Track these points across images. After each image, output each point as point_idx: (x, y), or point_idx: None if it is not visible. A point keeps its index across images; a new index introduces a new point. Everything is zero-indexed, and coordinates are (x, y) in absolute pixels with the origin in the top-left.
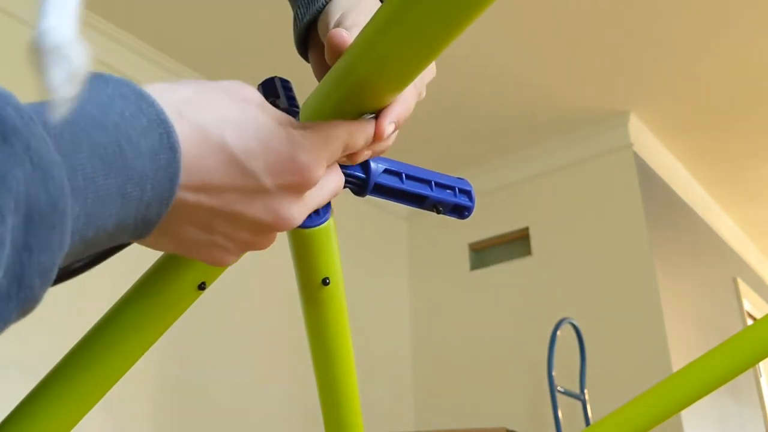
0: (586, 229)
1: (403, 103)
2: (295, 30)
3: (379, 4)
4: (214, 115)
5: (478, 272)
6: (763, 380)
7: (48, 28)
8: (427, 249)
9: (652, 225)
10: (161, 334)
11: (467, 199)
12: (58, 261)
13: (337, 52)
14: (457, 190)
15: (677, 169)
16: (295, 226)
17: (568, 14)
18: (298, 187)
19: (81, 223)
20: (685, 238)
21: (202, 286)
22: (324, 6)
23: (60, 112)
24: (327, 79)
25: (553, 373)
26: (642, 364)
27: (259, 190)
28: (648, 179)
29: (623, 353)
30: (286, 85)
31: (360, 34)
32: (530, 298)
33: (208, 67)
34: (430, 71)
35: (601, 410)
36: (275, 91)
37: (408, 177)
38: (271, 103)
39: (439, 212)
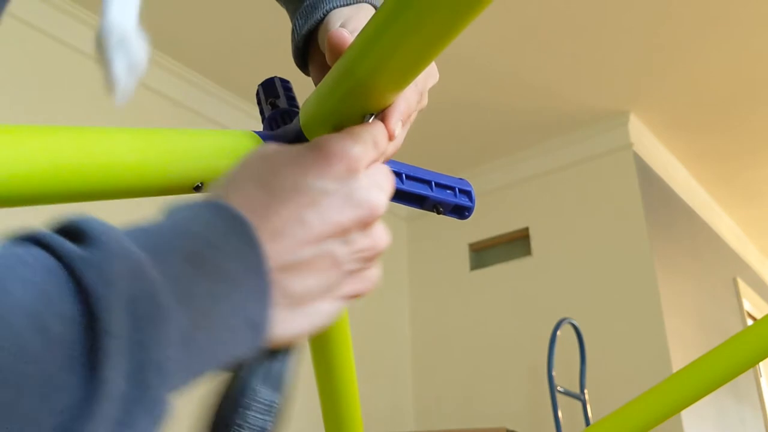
0: (586, 229)
1: (405, 101)
2: (293, 41)
3: None
4: (245, 176)
5: (478, 272)
6: (763, 380)
7: (112, 22)
8: (427, 249)
9: (652, 225)
10: None
11: (467, 200)
12: (172, 358)
13: (338, 51)
14: (457, 190)
15: (677, 169)
16: (383, 203)
17: (568, 14)
18: (351, 169)
19: (184, 326)
20: (685, 238)
21: None
22: (324, 17)
23: (121, 99)
24: (327, 79)
25: (553, 373)
26: (642, 364)
27: (327, 193)
28: (648, 179)
29: (623, 353)
30: (286, 85)
31: (360, 33)
32: (530, 298)
33: (209, 67)
34: (432, 76)
35: (601, 410)
36: (275, 91)
37: (408, 177)
38: (270, 103)
39: (439, 212)
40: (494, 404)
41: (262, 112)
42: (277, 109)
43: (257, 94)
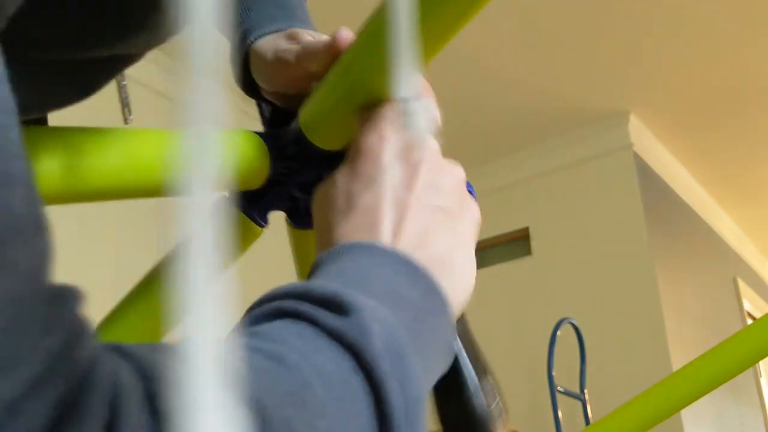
0: (586, 229)
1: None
2: (233, 70)
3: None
4: (333, 217)
5: (478, 272)
6: (763, 380)
7: (411, 97)
8: None
9: (652, 225)
10: (166, 333)
11: None
12: (422, 388)
13: (338, 51)
14: None
15: (677, 169)
16: (424, 129)
17: (567, 14)
18: (385, 140)
19: (418, 357)
20: (685, 238)
21: None
22: (252, 43)
23: (420, 146)
24: (327, 79)
25: (553, 373)
26: (642, 364)
27: (387, 172)
28: (648, 179)
29: (623, 353)
30: None
31: (360, 32)
32: (530, 298)
33: None
34: None
35: (601, 410)
36: None
37: None
38: (270, 103)
39: None
40: None
41: (261, 113)
42: (276, 110)
43: None
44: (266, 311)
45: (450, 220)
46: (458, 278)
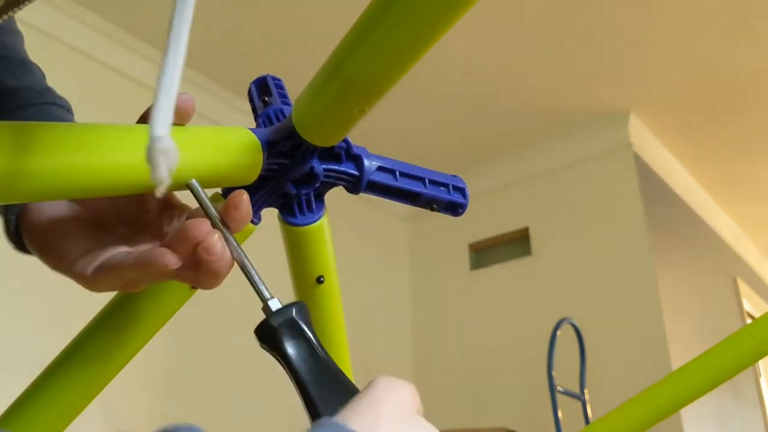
0: (586, 229)
1: None
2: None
3: None
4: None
5: (478, 272)
6: (762, 380)
7: (158, 136)
8: (428, 249)
9: (652, 225)
10: (156, 331)
11: (461, 196)
12: None
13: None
14: (450, 187)
15: (677, 169)
16: None
17: (567, 14)
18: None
19: None
20: (684, 237)
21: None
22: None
23: (161, 190)
24: (319, 76)
25: (553, 373)
26: (642, 364)
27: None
28: (648, 179)
29: (623, 353)
30: (278, 83)
31: (350, 29)
32: (530, 298)
33: (204, 64)
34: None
35: (601, 410)
36: (267, 89)
37: (402, 174)
38: (263, 101)
39: (433, 209)
40: (494, 404)
41: (254, 110)
42: (269, 107)
43: (249, 92)
44: None
45: None
46: None
